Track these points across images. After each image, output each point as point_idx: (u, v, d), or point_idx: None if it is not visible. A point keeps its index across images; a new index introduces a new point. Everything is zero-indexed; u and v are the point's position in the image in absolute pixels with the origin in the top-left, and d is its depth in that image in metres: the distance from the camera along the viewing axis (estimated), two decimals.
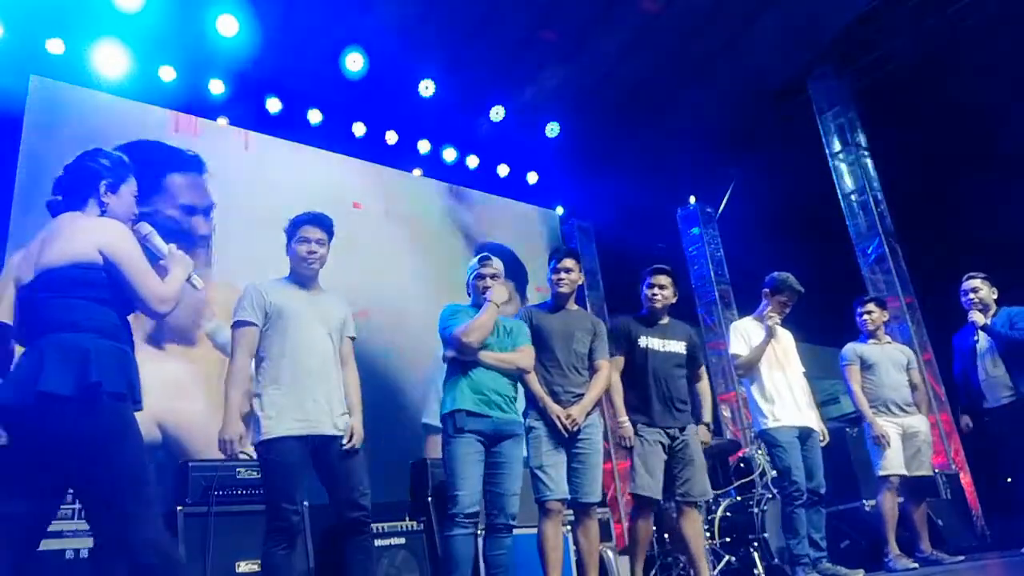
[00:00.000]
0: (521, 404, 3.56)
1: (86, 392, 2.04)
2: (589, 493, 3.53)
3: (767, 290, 4.61)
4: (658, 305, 4.02)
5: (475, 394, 3.33)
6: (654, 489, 3.71)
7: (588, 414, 3.58)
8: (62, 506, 3.19)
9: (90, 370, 2.05)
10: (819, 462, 4.37)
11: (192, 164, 6.56)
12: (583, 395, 3.59)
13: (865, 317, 5.07)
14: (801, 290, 4.56)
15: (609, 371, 3.76)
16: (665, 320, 4.07)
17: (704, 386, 4.12)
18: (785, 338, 4.65)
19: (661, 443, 3.78)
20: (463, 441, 3.25)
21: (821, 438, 4.45)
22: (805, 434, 4.36)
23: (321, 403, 2.96)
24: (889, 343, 5.13)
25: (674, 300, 4.08)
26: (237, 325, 2.99)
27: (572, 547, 4.06)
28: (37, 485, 2.11)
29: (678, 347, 4.00)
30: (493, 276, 3.57)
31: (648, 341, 3.94)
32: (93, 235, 2.20)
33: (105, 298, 2.19)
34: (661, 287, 4.01)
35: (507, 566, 3.29)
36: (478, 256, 3.67)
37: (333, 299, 3.23)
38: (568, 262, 3.76)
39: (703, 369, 4.17)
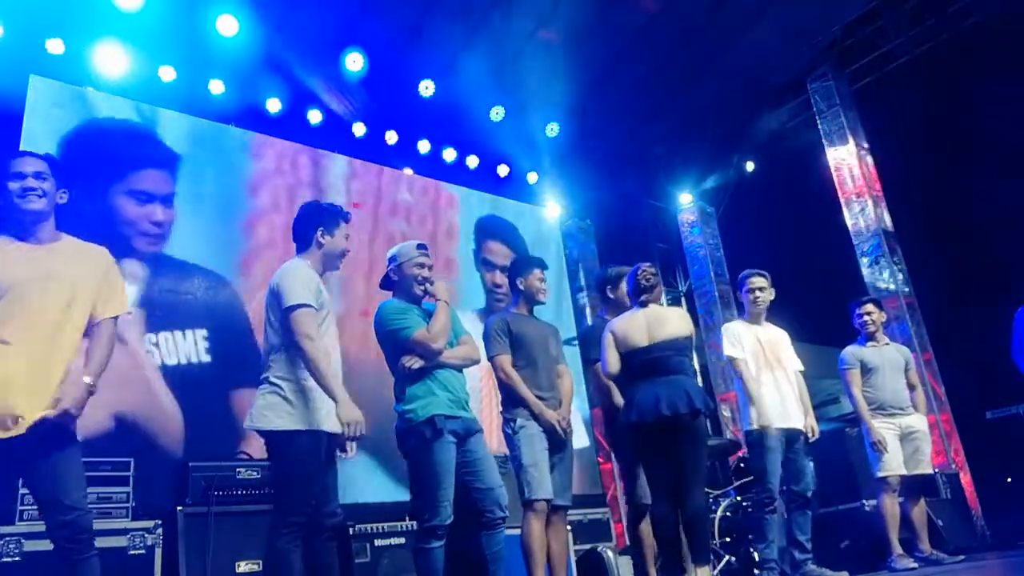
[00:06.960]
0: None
1: (706, 409, 3.46)
2: (566, 495, 3.61)
3: (737, 291, 4.70)
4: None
5: (447, 395, 3.25)
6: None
7: None
8: None
9: (705, 397, 3.50)
10: (806, 464, 4.31)
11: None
12: (558, 399, 3.69)
13: (866, 319, 4.98)
14: (764, 272, 4.56)
15: (569, 374, 3.88)
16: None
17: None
18: (777, 338, 4.57)
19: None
20: (445, 446, 3.14)
21: (810, 435, 4.33)
22: (793, 436, 4.28)
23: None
24: (887, 344, 5.05)
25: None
26: (305, 307, 2.81)
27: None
28: (660, 457, 3.51)
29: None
30: (432, 268, 3.43)
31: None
32: (687, 320, 3.66)
33: (690, 355, 3.61)
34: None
35: (505, 558, 3.27)
36: (415, 243, 3.45)
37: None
38: (544, 274, 3.86)
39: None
